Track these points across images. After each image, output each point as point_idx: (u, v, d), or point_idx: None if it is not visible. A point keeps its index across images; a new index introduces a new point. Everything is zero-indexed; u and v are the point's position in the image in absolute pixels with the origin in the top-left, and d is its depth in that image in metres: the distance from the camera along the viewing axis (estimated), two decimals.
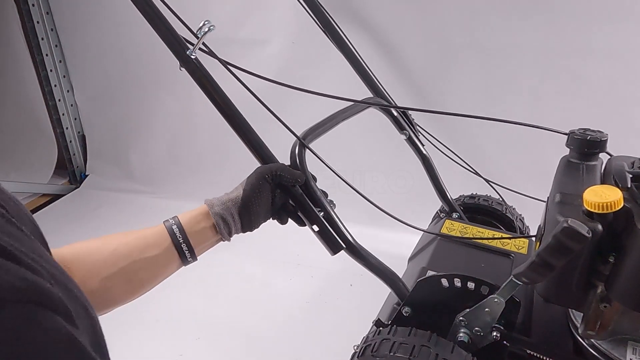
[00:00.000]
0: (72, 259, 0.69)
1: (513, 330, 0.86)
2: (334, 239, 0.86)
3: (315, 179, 0.89)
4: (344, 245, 0.87)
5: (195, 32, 0.78)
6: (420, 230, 1.04)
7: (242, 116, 0.83)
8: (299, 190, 0.84)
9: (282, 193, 0.84)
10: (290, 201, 0.84)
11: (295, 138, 0.89)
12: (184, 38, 0.79)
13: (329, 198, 0.90)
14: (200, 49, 0.79)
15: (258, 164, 0.85)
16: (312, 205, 0.84)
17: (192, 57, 0.78)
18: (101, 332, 0.40)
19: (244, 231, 0.81)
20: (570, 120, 0.91)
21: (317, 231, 0.85)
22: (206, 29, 0.76)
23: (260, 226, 0.85)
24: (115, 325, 1.50)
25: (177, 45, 0.78)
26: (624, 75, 1.43)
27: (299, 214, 0.85)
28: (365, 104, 1.13)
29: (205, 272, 1.80)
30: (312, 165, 0.89)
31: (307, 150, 0.89)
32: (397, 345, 0.81)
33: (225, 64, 0.82)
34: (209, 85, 0.80)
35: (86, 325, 0.37)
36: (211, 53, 0.83)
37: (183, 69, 0.79)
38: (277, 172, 0.80)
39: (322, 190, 0.89)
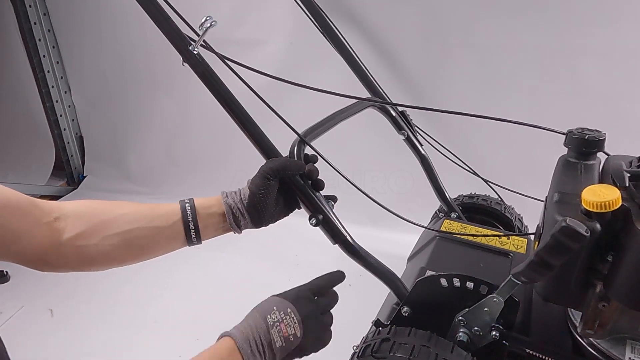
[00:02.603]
0: (75, 213, 0.71)
1: (512, 330, 0.86)
2: (336, 228, 0.87)
3: None
4: (345, 234, 0.87)
5: (197, 28, 0.78)
6: (420, 226, 1.04)
7: (244, 110, 0.84)
8: (300, 181, 0.84)
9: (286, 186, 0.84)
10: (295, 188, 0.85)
11: (294, 136, 0.89)
12: (186, 35, 0.80)
13: (331, 197, 0.90)
14: (201, 44, 0.79)
15: (255, 164, 0.85)
16: (313, 194, 0.85)
17: (195, 52, 0.78)
18: None
19: (255, 226, 0.83)
20: (568, 120, 0.91)
21: (321, 219, 0.86)
22: (208, 24, 0.77)
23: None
24: (114, 326, 1.51)
25: (179, 41, 0.78)
26: (621, 74, 1.44)
27: (301, 204, 0.86)
28: (365, 101, 1.13)
29: (204, 272, 1.80)
30: None
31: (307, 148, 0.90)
32: (397, 345, 0.81)
33: (223, 58, 0.82)
34: (212, 80, 0.81)
35: None
36: (212, 49, 0.83)
37: (186, 64, 0.80)
38: (280, 168, 0.81)
39: (329, 195, 0.90)
